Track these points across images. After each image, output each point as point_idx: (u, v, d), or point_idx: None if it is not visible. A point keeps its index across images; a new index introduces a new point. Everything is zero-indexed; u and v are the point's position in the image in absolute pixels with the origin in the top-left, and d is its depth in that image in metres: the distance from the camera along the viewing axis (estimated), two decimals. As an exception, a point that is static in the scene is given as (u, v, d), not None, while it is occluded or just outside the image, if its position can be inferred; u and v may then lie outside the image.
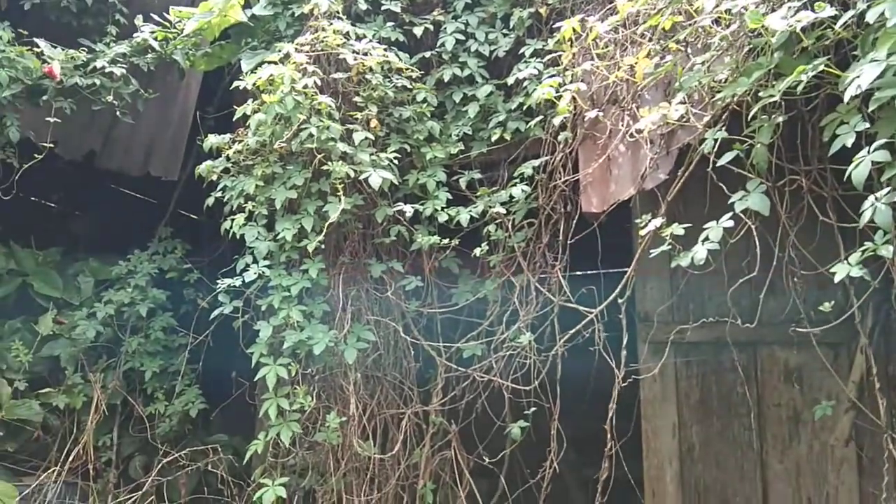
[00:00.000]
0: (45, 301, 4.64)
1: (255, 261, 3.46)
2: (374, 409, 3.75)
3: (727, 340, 3.17)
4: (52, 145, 4.10)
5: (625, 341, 2.93)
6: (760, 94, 2.30)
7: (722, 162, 2.43)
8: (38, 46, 4.06)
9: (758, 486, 3.37)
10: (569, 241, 3.30)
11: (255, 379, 3.45)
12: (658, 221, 2.59)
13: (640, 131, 2.84)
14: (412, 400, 3.83)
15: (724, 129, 2.50)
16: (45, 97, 4.06)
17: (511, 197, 3.39)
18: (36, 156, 4.07)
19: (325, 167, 3.39)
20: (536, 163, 3.39)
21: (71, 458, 4.17)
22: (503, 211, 3.38)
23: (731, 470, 3.41)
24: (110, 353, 4.59)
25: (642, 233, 2.63)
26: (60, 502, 4.10)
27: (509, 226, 3.48)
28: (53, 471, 4.11)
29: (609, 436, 2.95)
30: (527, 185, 3.38)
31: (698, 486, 3.47)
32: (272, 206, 3.50)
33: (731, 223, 2.37)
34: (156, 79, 4.57)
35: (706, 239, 2.38)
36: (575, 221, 3.29)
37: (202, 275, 4.74)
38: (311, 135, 3.35)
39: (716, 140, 2.47)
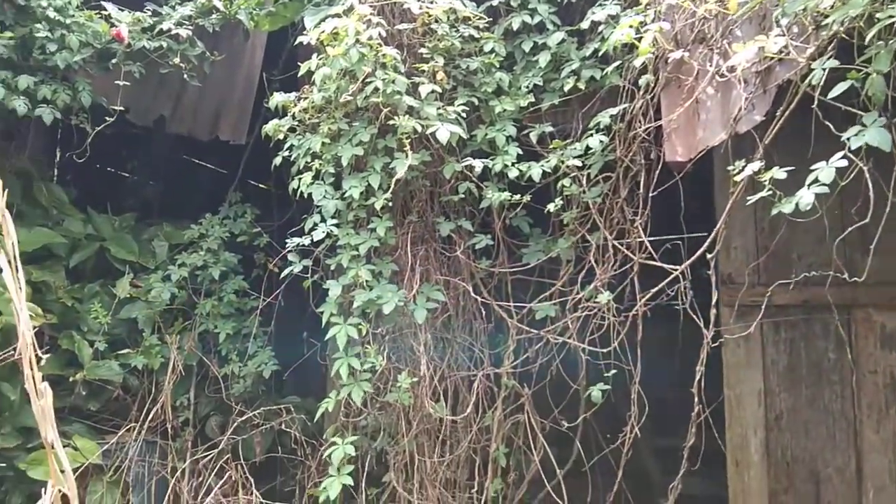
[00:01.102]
0: (122, 265, 4.74)
1: (323, 220, 3.40)
2: (445, 372, 3.67)
3: (818, 303, 2.93)
4: (121, 108, 4.13)
5: (714, 299, 2.72)
6: (878, 15, 2.03)
7: (834, 94, 2.17)
8: (105, 10, 4.08)
9: (851, 456, 3.16)
10: (650, 195, 3.10)
11: (326, 339, 3.41)
12: (756, 166, 2.36)
13: (732, 70, 2.60)
14: (483, 362, 3.74)
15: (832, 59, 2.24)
16: (113, 61, 4.09)
17: (587, 149, 3.20)
18: (107, 119, 4.11)
19: (391, 122, 3.28)
20: (614, 111, 3.19)
21: (150, 418, 4.27)
22: (578, 164, 3.19)
23: (821, 440, 3.21)
24: (185, 316, 4.67)
25: (737, 178, 2.41)
26: (141, 460, 4.22)
27: (584, 180, 3.30)
28: (134, 429, 4.23)
29: (696, 400, 2.78)
30: (604, 135, 3.17)
31: (785, 456, 3.27)
32: (339, 163, 3.43)
33: (843, 162, 2.12)
34: (221, 41, 4.55)
35: (814, 182, 2.14)
36: (657, 173, 3.08)
37: (271, 239, 4.75)
38: (376, 88, 3.25)
39: (824, 70, 2.21)
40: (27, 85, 3.88)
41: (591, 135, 3.18)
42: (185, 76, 4.33)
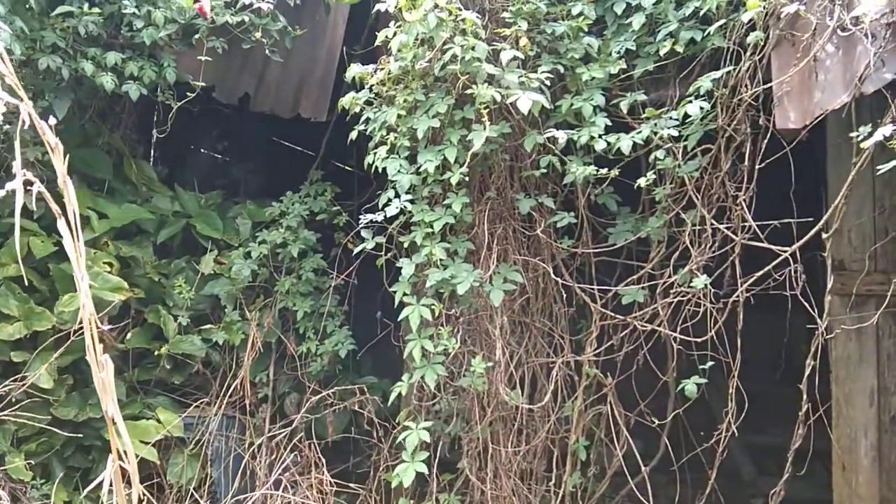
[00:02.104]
0: (207, 242, 4.80)
1: (398, 195, 3.27)
2: (522, 357, 3.48)
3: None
4: (203, 84, 4.14)
5: (829, 285, 2.39)
6: None
7: None
8: (189, -15, 4.09)
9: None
10: (756, 167, 2.77)
11: (399, 319, 3.29)
12: (887, 130, 2.02)
13: (857, 22, 2.26)
14: (563, 349, 3.52)
15: None
16: (196, 36, 4.10)
17: (684, 117, 2.89)
18: (189, 94, 4.13)
19: (469, 91, 3.10)
20: (717, 75, 2.87)
21: (230, 393, 4.31)
22: (674, 134, 2.90)
23: (942, 445, 2.82)
24: (266, 293, 4.69)
25: (865, 145, 2.08)
26: (221, 434, 4.27)
27: (679, 153, 3.00)
28: (214, 404, 4.28)
29: (805, 398, 2.46)
30: (704, 101, 2.86)
31: (901, 461, 2.90)
32: (414, 137, 3.28)
33: None
34: (303, 15, 4.49)
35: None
36: (765, 143, 2.74)
37: (352, 219, 4.69)
38: (454, 56, 3.07)
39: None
40: (115, 61, 3.94)
41: (690, 102, 2.87)
42: (267, 52, 4.30)
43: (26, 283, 3.89)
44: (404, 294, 3.22)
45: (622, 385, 3.39)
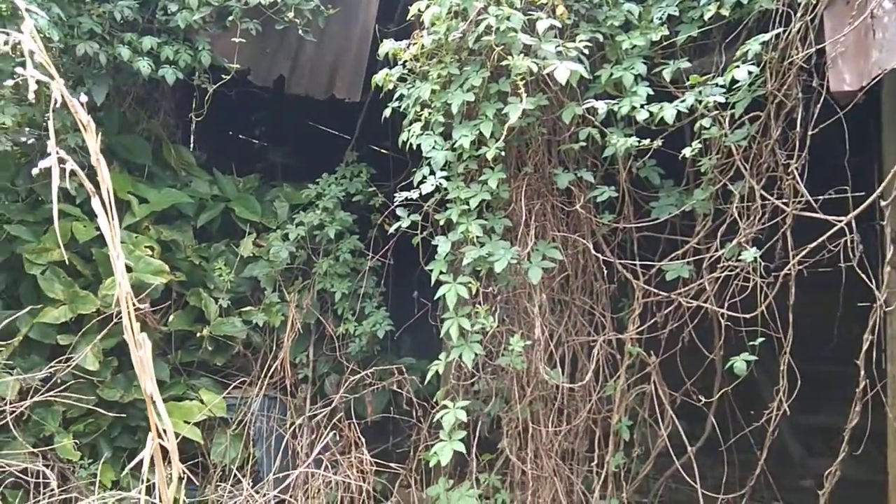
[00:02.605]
0: (245, 225, 4.83)
1: (433, 172, 3.21)
2: (562, 336, 3.41)
3: None
4: (239, 66, 4.14)
5: (889, 257, 2.26)
6: None
7: None
8: (221, -34, 4.08)
9: None
10: (808, 133, 2.63)
11: (436, 298, 3.24)
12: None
13: (920, -28, 2.09)
14: (604, 327, 3.44)
15: None
16: (230, 18, 4.09)
17: (732, 83, 2.75)
18: (224, 76, 4.13)
19: (504, 63, 3.01)
20: (766, 37, 2.72)
21: (271, 374, 4.34)
22: (721, 100, 2.76)
23: None
24: (304, 275, 4.70)
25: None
26: (262, 414, 4.31)
27: (726, 121, 2.87)
28: (256, 385, 4.32)
29: (862, 375, 2.34)
30: (753, 65, 2.72)
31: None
32: (449, 112, 3.21)
33: None
34: (336, -6, 4.45)
35: None
36: (818, 108, 2.60)
37: (387, 199, 4.66)
38: (489, 27, 2.98)
39: None
40: (151, 46, 3.97)
41: (737, 67, 2.74)
42: (301, 32, 4.28)
43: (69, 268, 3.97)
44: (441, 272, 3.18)
45: (665, 364, 3.29)
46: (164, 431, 2.10)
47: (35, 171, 1.86)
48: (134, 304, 2.02)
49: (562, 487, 3.16)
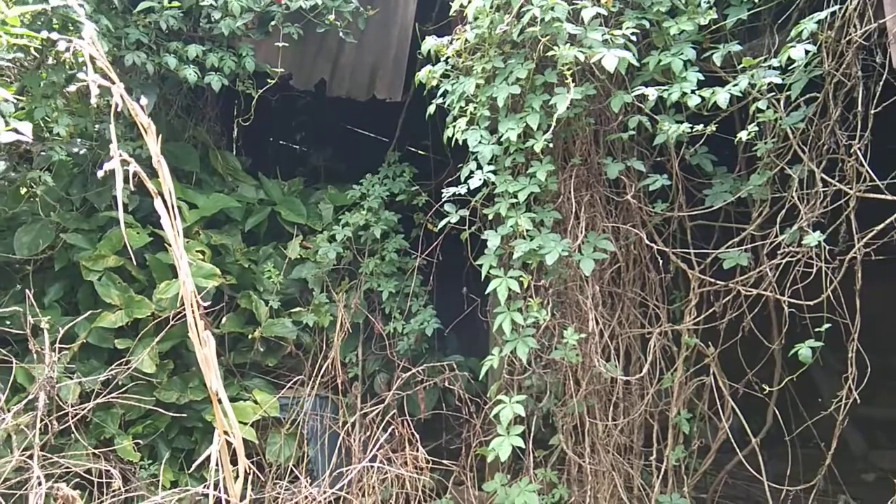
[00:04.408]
0: (291, 227, 4.89)
1: (480, 167, 3.20)
2: (615, 329, 3.36)
3: None
4: (282, 71, 4.19)
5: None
6: None
7: None
8: (263, -28, 4.13)
9: None
10: (871, 112, 2.54)
11: (486, 293, 3.23)
12: None
13: None
14: (658, 319, 3.38)
15: None
16: (273, 23, 4.14)
17: (788, 62, 2.67)
18: (269, 80, 4.18)
19: (550, 54, 2.98)
20: (822, 15, 2.64)
21: (322, 373, 4.38)
22: (777, 81, 2.69)
23: None
24: (351, 276, 4.73)
25: None
26: (315, 414, 4.35)
27: (781, 104, 2.80)
28: (307, 384, 4.36)
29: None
30: (809, 44, 2.64)
31: None
32: (494, 106, 3.20)
33: None
34: (375, -5, 4.48)
35: None
36: (881, 87, 2.51)
37: (430, 198, 4.67)
38: (533, 17, 2.96)
39: None
40: (196, 54, 4.03)
41: (793, 47, 2.66)
42: (341, 34, 4.31)
43: (124, 273, 4.05)
44: (491, 267, 3.16)
45: (721, 355, 3.22)
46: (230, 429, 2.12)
47: (100, 172, 1.91)
48: (198, 303, 2.06)
49: (620, 482, 3.12)
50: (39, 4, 3.24)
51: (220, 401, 2.02)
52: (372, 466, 3.47)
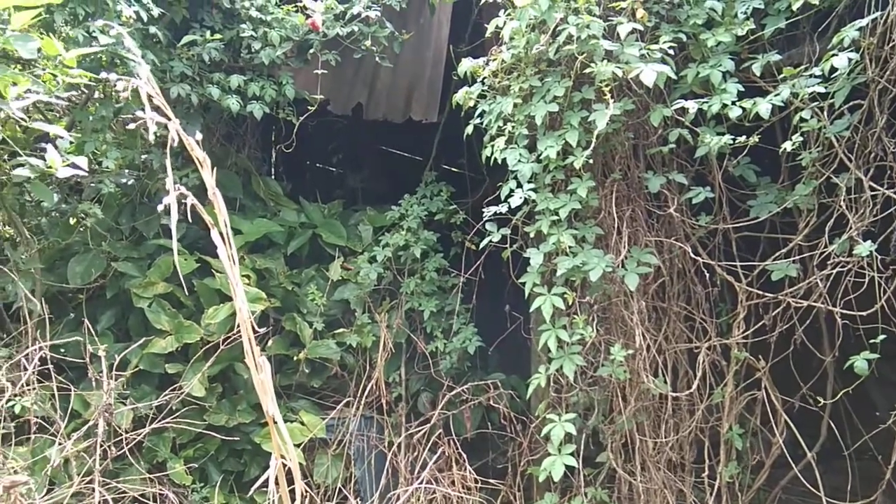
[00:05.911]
0: (332, 249, 4.95)
1: (520, 185, 3.22)
2: (662, 344, 3.33)
3: None
4: (322, 97, 4.27)
5: None
6: None
7: None
8: (300, 2, 4.23)
9: None
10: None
11: (530, 310, 3.23)
12: None
13: None
14: (705, 333, 3.34)
15: None
16: (311, 51, 4.24)
17: (831, 70, 2.64)
18: (309, 108, 4.28)
19: (587, 71, 3.00)
20: (863, 22, 2.62)
21: (366, 394, 4.41)
22: (821, 90, 2.66)
23: None
24: (392, 296, 4.77)
25: None
26: (360, 434, 4.38)
27: (825, 112, 2.76)
28: (352, 405, 4.39)
29: None
30: (852, 52, 2.61)
31: None
32: (532, 124, 3.22)
33: None
34: (409, 19, 4.55)
35: None
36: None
37: (468, 216, 4.70)
38: (570, 36, 2.98)
39: None
40: (238, 84, 4.15)
41: (835, 55, 2.63)
42: (377, 59, 4.39)
43: (173, 300, 4.14)
44: (534, 284, 3.16)
45: (777, 368, 3.16)
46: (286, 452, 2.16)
47: (160, 207, 1.98)
48: (254, 329, 2.11)
49: (673, 500, 3.07)
50: (94, 47, 3.36)
51: (275, 422, 2.06)
52: (420, 487, 3.48)
